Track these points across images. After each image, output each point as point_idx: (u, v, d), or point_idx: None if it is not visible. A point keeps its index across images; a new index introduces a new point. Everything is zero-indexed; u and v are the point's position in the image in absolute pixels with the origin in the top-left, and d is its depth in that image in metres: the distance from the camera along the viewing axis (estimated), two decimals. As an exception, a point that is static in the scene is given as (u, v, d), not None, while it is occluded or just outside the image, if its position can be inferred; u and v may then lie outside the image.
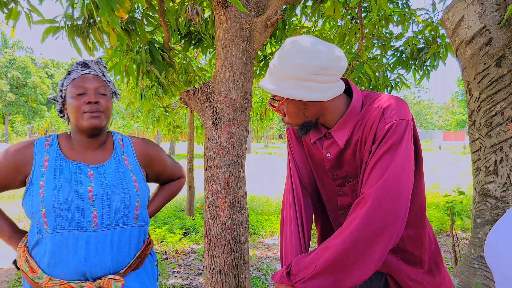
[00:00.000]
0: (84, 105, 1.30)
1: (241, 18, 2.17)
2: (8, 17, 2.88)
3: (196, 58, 6.05)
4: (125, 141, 1.49)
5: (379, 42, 4.68)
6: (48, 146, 1.35)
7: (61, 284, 1.22)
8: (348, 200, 1.44)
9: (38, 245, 1.27)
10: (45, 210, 1.23)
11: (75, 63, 1.39)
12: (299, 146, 1.53)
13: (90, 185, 1.29)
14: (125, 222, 1.33)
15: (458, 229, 5.76)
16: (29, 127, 55.99)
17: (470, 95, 2.83)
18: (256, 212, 7.29)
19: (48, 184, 1.26)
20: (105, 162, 1.38)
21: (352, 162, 1.34)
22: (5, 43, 48.94)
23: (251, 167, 17.17)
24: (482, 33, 2.60)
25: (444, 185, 10.99)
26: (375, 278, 1.44)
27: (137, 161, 1.47)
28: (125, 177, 1.37)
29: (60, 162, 1.31)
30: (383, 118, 1.22)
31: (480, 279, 2.65)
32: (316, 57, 1.17)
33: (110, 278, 1.26)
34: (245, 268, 2.31)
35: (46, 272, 1.24)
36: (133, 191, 1.36)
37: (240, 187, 2.25)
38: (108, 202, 1.29)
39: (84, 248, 1.24)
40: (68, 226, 1.24)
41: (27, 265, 1.27)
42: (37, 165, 1.30)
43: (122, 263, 1.32)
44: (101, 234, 1.27)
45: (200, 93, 2.21)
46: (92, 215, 1.27)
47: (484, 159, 2.74)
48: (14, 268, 4.17)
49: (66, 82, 1.35)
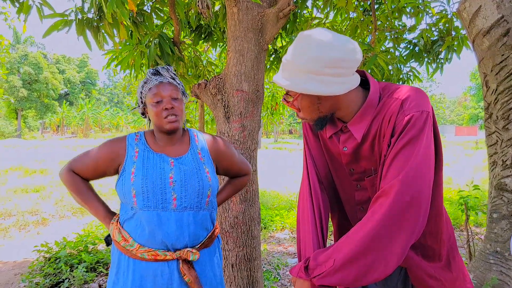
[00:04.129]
0: (163, 111, 1.54)
1: (253, 10, 2.14)
2: (19, 11, 2.88)
3: (206, 52, 6.01)
4: (199, 137, 1.72)
5: (391, 35, 4.60)
6: (137, 140, 1.62)
7: (149, 251, 1.48)
8: (366, 195, 1.41)
9: (129, 220, 1.53)
10: (135, 192, 1.48)
11: (149, 72, 1.60)
12: (315, 140, 1.49)
13: (171, 172, 1.53)
14: (199, 206, 1.56)
15: (472, 225, 5.68)
16: (41, 122, 56.63)
17: (487, 88, 2.76)
18: (267, 207, 7.27)
19: (138, 171, 1.52)
20: (184, 155, 1.61)
21: (370, 156, 1.30)
22: (17, 38, 49.39)
23: (261, 162, 17.14)
24: (500, 23, 2.53)
25: (456, 180, 10.87)
26: (393, 272, 1.41)
27: (209, 155, 1.69)
28: (199, 168, 1.60)
29: (147, 153, 1.58)
30: (402, 110, 1.17)
31: (496, 274, 2.60)
32: (330, 49, 1.14)
33: (188, 251, 1.50)
34: (257, 262, 2.29)
35: (137, 241, 1.50)
36: (206, 181, 1.58)
37: (252, 181, 2.23)
38: (186, 188, 1.53)
39: (167, 224, 1.49)
40: (153, 206, 1.49)
41: (120, 236, 1.53)
42: (129, 156, 1.57)
43: (197, 239, 1.56)
44: (179, 214, 1.51)
45: (212, 86, 2.19)
46: (172, 198, 1.51)
47: (501, 152, 2.68)
48: (26, 261, 4.22)
49: (145, 91, 1.60)
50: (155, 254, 1.48)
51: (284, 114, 8.59)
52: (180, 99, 1.61)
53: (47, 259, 3.97)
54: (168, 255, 1.49)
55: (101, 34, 2.81)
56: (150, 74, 1.60)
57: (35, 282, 3.53)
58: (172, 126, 1.55)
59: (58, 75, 50.78)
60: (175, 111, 1.56)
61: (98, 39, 2.82)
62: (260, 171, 12.06)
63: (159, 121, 1.56)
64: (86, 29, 2.76)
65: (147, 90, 1.59)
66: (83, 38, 2.76)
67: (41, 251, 4.04)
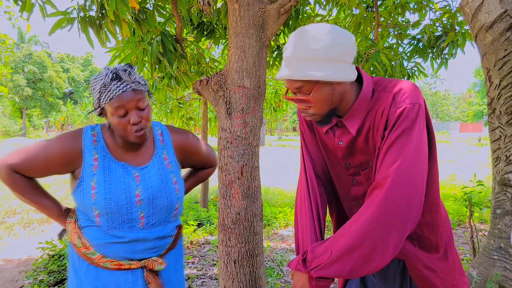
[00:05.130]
0: (129, 125, 1.38)
1: (254, 6, 2.13)
2: (22, 10, 2.90)
3: (209, 50, 6.01)
4: (164, 136, 1.58)
5: (395, 31, 4.59)
6: (95, 143, 1.43)
7: (112, 261, 1.40)
8: (361, 190, 1.41)
9: (90, 228, 1.42)
10: (98, 212, 1.37)
11: (108, 76, 1.36)
12: (312, 136, 1.51)
13: (137, 189, 1.41)
14: (167, 220, 1.49)
15: (476, 221, 5.66)
16: (46, 121, 56.89)
17: (490, 83, 2.75)
18: (270, 204, 7.28)
19: (99, 186, 1.37)
20: (148, 163, 1.48)
21: (365, 149, 1.32)
22: (21, 38, 49.58)
23: (265, 160, 17.16)
24: (503, 18, 2.51)
25: (460, 176, 10.83)
26: (392, 263, 1.42)
27: (175, 158, 1.57)
28: (167, 181, 1.49)
29: (108, 162, 1.42)
30: (395, 102, 1.20)
31: (500, 270, 2.59)
32: (345, 37, 1.17)
33: (154, 260, 1.44)
34: (260, 258, 2.29)
35: (99, 252, 1.40)
36: (174, 195, 1.50)
37: (254, 177, 2.23)
38: (153, 206, 1.44)
39: (133, 240, 1.41)
40: (119, 227, 1.39)
41: (80, 241, 1.42)
42: (87, 164, 1.40)
43: (161, 248, 1.50)
44: (147, 232, 1.43)
45: (213, 82, 2.19)
46: (139, 217, 1.41)
47: (504, 148, 2.66)
48: (31, 259, 4.24)
49: (105, 99, 1.36)
50: (118, 264, 1.40)
51: (288, 111, 8.59)
52: (148, 106, 1.43)
53: (51, 257, 4.00)
54: (133, 264, 1.42)
55: (103, 31, 2.82)
56: (109, 79, 1.35)
57: (39, 279, 3.55)
58: (139, 140, 1.41)
59: (62, 74, 50.96)
60: (143, 124, 1.40)
61: (100, 37, 2.83)
62: (264, 169, 12.11)
63: (123, 133, 1.40)
64: (89, 27, 2.77)
65: (107, 100, 1.36)
66: (86, 36, 2.77)
67: (46, 248, 4.06)
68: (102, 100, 1.37)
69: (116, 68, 1.38)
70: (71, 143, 1.41)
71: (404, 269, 1.41)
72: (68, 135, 1.43)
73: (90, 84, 1.43)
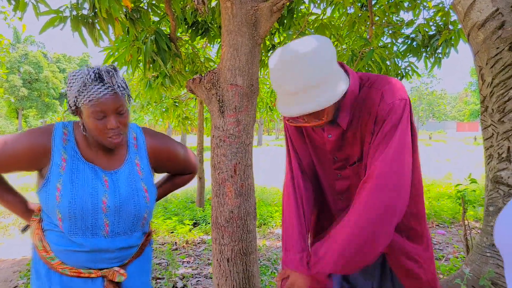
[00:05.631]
0: (106, 129, 1.30)
1: (247, 4, 2.14)
2: (15, 9, 2.89)
3: (205, 49, 6.01)
4: (139, 140, 1.49)
5: (389, 30, 4.60)
6: (66, 142, 1.35)
7: (71, 269, 1.33)
8: (346, 184, 1.46)
9: (52, 232, 1.36)
10: (61, 216, 1.29)
11: (89, 76, 1.27)
12: (297, 133, 1.53)
13: (104, 195, 1.34)
14: (133, 229, 1.42)
15: (471, 219, 5.69)
16: (42, 121, 56.63)
17: (483, 81, 2.76)
18: (266, 203, 7.29)
19: (65, 189, 1.29)
20: (119, 169, 1.41)
21: (353, 143, 1.36)
22: (17, 38, 49.37)
23: (262, 159, 17.16)
24: (494, 16, 2.52)
25: (457, 175, 10.86)
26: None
27: (148, 163, 1.49)
28: (136, 189, 1.41)
29: (77, 163, 1.34)
30: (383, 99, 1.26)
31: (493, 268, 2.60)
32: (326, 48, 1.17)
33: (115, 271, 1.37)
34: (253, 256, 2.30)
35: (59, 258, 1.34)
36: (143, 204, 1.42)
37: (248, 175, 2.24)
38: (120, 215, 1.36)
39: (95, 250, 1.34)
40: (81, 233, 1.32)
41: (41, 244, 1.36)
42: (55, 164, 1.32)
43: (125, 258, 1.43)
44: (110, 240, 1.36)
45: (206, 81, 2.19)
46: (104, 224, 1.34)
47: (496, 145, 2.68)
48: (25, 259, 4.23)
49: (82, 99, 1.28)
50: (77, 272, 1.34)
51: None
52: (126, 110, 1.36)
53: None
54: (93, 273, 1.35)
55: (96, 30, 2.81)
56: (91, 79, 1.27)
57: (34, 279, 3.54)
58: (114, 144, 1.34)
59: (58, 74, 50.78)
60: (121, 130, 1.34)
61: (93, 36, 2.83)
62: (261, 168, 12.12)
63: (99, 137, 1.32)
64: (82, 25, 2.76)
65: (86, 101, 1.27)
66: (79, 35, 2.76)
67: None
68: (80, 99, 1.28)
69: (99, 69, 1.30)
70: (40, 140, 1.32)
71: (384, 262, 1.44)
72: (37, 130, 1.35)
73: (68, 80, 1.33)
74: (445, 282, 2.80)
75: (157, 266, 4.03)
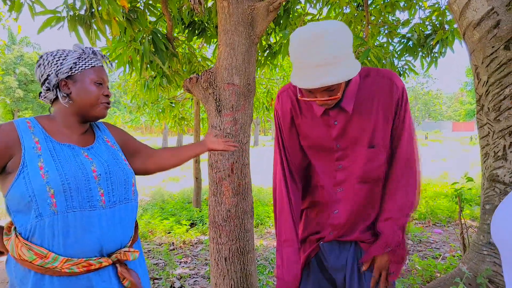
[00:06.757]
0: (102, 96, 1.39)
1: (243, 3, 2.14)
2: (11, 9, 2.88)
3: (201, 49, 6.01)
4: (100, 126, 1.55)
5: (385, 29, 4.61)
6: (32, 129, 1.29)
7: (79, 263, 1.22)
8: (345, 174, 1.53)
9: (39, 231, 1.21)
10: (53, 191, 1.20)
11: (89, 48, 1.40)
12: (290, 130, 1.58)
13: (92, 165, 1.32)
14: (127, 198, 1.40)
15: (467, 218, 5.71)
16: (38, 123, 56.42)
17: (478, 80, 2.77)
18: (263, 203, 7.28)
19: (48, 165, 1.23)
20: (93, 144, 1.42)
21: (358, 127, 1.46)
22: (12, 39, 49.17)
23: (258, 160, 17.15)
24: (490, 15, 2.53)
25: (453, 175, 10.90)
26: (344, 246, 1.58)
27: (115, 142, 1.53)
28: (117, 157, 1.44)
29: (52, 144, 1.29)
30: (396, 85, 1.44)
31: (490, 266, 2.61)
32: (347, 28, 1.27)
33: (125, 251, 1.33)
34: (251, 255, 2.30)
35: (61, 254, 1.21)
36: (127, 169, 1.44)
37: (245, 174, 2.24)
38: (112, 181, 1.35)
39: (98, 225, 1.27)
40: (79, 206, 1.24)
41: (32, 253, 1.20)
42: (28, 147, 1.24)
43: (128, 236, 1.40)
44: (110, 211, 1.32)
45: (203, 80, 2.19)
46: (99, 194, 1.30)
47: (492, 144, 2.69)
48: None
49: (83, 65, 1.36)
50: (87, 265, 1.24)
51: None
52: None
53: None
54: (104, 261, 1.27)
55: (93, 30, 2.81)
56: (91, 51, 1.39)
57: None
58: (104, 113, 1.41)
59: (54, 75, 50.52)
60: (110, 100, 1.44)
61: (90, 36, 2.82)
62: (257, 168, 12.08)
63: (94, 103, 1.37)
64: (78, 25, 2.75)
65: (88, 66, 1.36)
66: (75, 35, 2.75)
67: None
68: (81, 65, 1.35)
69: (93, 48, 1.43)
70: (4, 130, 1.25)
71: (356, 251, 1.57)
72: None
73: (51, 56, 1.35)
74: (443, 281, 2.81)
75: (154, 266, 4.02)
